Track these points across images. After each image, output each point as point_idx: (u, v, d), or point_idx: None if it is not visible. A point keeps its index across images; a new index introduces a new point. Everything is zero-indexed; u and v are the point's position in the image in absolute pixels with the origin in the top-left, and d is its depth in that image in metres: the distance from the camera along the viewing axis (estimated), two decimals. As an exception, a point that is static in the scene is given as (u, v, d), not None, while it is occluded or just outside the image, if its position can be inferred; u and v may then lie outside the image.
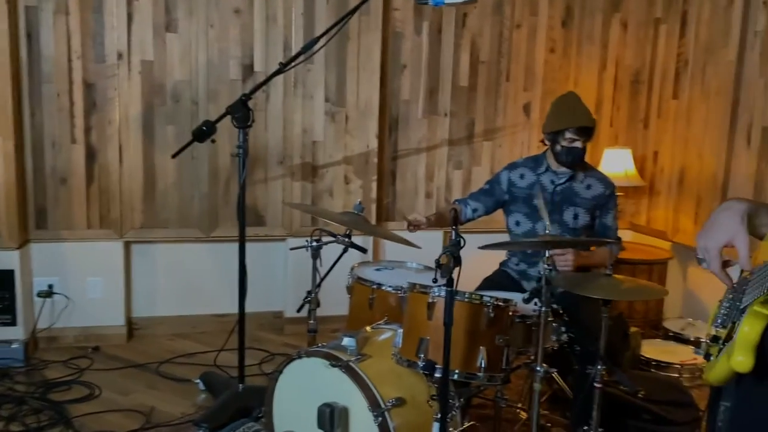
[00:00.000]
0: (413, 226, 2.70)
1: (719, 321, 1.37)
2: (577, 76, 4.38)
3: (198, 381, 3.23)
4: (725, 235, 1.28)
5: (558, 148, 2.84)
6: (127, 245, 3.76)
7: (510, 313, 2.07)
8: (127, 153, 3.62)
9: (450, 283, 1.76)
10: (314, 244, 2.64)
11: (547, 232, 2.23)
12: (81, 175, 3.57)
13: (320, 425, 2.08)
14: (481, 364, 1.98)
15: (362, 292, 2.70)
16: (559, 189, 2.89)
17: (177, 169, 3.71)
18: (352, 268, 2.88)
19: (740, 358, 1.13)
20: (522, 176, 2.95)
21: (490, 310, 1.98)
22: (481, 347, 1.99)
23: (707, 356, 1.35)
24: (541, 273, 1.97)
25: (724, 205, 1.32)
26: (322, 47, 2.76)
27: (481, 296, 2.01)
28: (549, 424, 2.97)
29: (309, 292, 3.12)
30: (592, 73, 4.41)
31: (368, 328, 2.49)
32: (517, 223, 2.91)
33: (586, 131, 2.78)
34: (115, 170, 3.61)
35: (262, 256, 3.95)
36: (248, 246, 3.86)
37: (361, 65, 3.90)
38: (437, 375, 1.92)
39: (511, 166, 3.01)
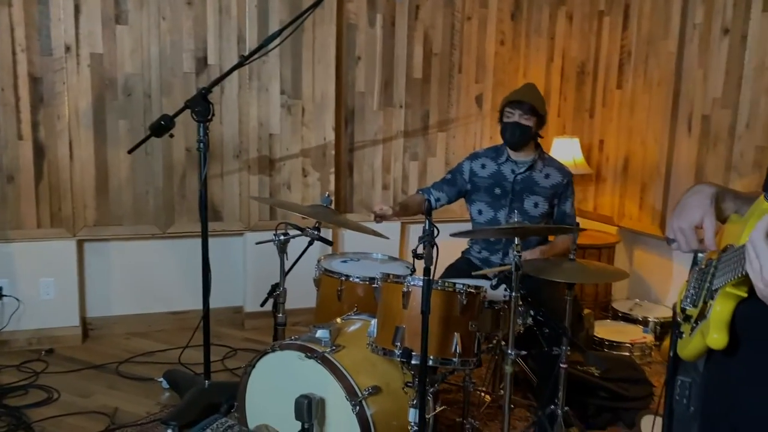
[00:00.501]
0: (380, 217, 2.74)
1: (688, 300, 1.45)
2: (526, 68, 4.49)
3: (161, 379, 3.18)
4: (698, 215, 1.35)
5: (501, 125, 2.96)
6: (80, 244, 3.65)
7: (481, 300, 2.14)
8: (77, 149, 3.52)
9: (427, 272, 1.81)
10: (282, 237, 2.63)
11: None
12: (29, 172, 3.44)
13: (298, 416, 2.10)
14: (455, 349, 2.04)
15: (330, 284, 2.72)
16: (519, 178, 2.98)
17: (130, 164, 3.63)
18: (319, 261, 2.90)
19: (715, 336, 1.20)
20: (483, 166, 3.02)
21: (463, 298, 2.05)
22: (455, 333, 2.05)
23: (680, 334, 1.43)
24: (511, 260, 2.04)
25: (694, 189, 1.40)
26: (286, 38, 2.73)
27: (454, 284, 2.07)
28: (512, 406, 3.06)
29: (274, 286, 3.12)
30: (540, 65, 4.53)
31: (339, 320, 2.51)
32: (480, 212, 2.99)
33: (525, 107, 2.85)
34: (65, 167, 3.50)
35: (220, 252, 3.90)
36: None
37: (316, 57, 3.90)
38: (414, 362, 1.97)
39: (473, 157, 3.08)
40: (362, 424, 2.06)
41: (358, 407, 2.06)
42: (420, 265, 2.90)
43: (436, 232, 1.90)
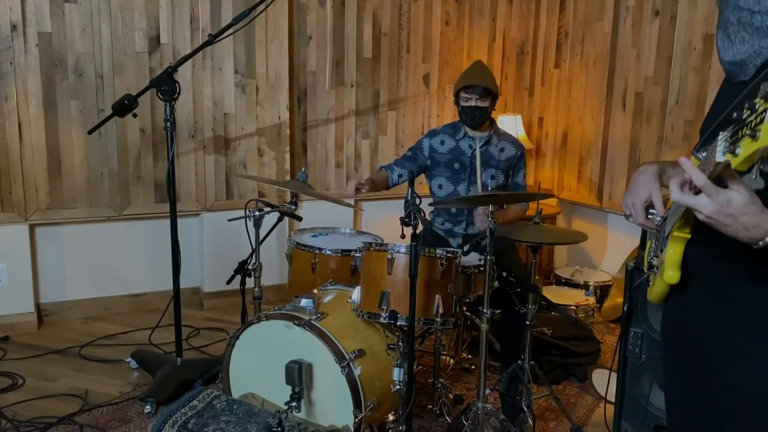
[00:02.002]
0: (357, 189, 2.82)
1: (652, 254, 1.64)
2: (470, 48, 4.66)
3: (129, 360, 3.19)
4: (646, 192, 1.54)
5: (459, 108, 3.09)
6: (33, 228, 3.57)
7: (456, 265, 2.29)
8: (27, 131, 3.43)
9: (415, 238, 1.93)
10: (257, 213, 2.69)
11: (478, 191, 2.46)
12: (-24, 155, 3.34)
13: (288, 381, 2.19)
14: (437, 310, 2.19)
15: (303, 257, 2.81)
16: (476, 153, 3.12)
17: (84, 146, 3.56)
18: (290, 236, 2.97)
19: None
20: (442, 142, 3.16)
21: (443, 262, 2.19)
22: (436, 296, 2.19)
23: (647, 282, 1.62)
24: (486, 225, 2.19)
25: (640, 170, 1.60)
26: (256, 17, 2.77)
27: (435, 250, 2.21)
28: (473, 367, 3.26)
29: (242, 263, 3.17)
30: (483, 45, 4.71)
31: (316, 291, 2.61)
32: (440, 186, 3.13)
33: (479, 90, 2.97)
34: (15, 149, 3.40)
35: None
36: (161, 222, 3.87)
37: (269, 37, 3.93)
38: (401, 323, 2.10)
39: (432, 134, 3.21)
40: (351, 384, 2.18)
41: (346, 369, 2.18)
42: (392, 234, 3.05)
43: (419, 200, 2.02)
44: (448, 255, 2.22)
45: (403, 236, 2.11)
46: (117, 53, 3.56)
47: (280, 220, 2.96)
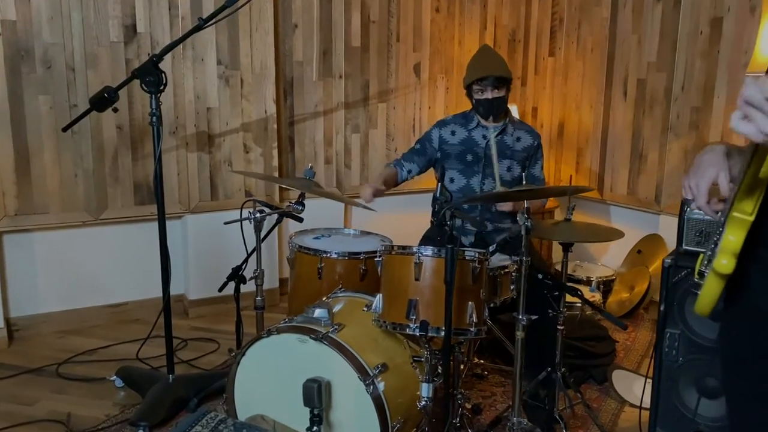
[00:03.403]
0: (376, 195, 2.64)
1: (705, 262, 1.45)
2: (461, 36, 4.46)
3: (114, 378, 2.91)
4: (713, 172, 1.36)
5: (474, 102, 2.90)
6: (0, 236, 3.26)
7: (487, 267, 2.09)
8: (-9, 129, 3.12)
9: (452, 240, 1.73)
10: (258, 215, 2.44)
11: (496, 185, 2.27)
12: (-65, 157, 3.01)
13: (307, 402, 1.96)
14: (471, 318, 1.98)
15: (308, 262, 2.58)
16: (491, 143, 2.93)
17: (55, 145, 3.26)
18: (291, 238, 2.73)
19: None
20: (453, 133, 2.97)
21: (476, 265, 1.99)
22: (469, 302, 1.98)
23: (694, 291, 1.42)
24: (521, 223, 1.99)
25: (707, 149, 1.42)
26: (247, 2, 2.52)
27: (464, 252, 2.00)
28: (485, 372, 3.08)
29: (236, 269, 2.93)
30: (474, 33, 4.52)
31: (325, 298, 2.38)
32: (452, 180, 2.93)
33: (491, 81, 2.80)
34: (-22, 150, 3.09)
35: (156, 236, 3.61)
36: (142, 226, 3.60)
37: (253, 25, 3.66)
38: (433, 334, 1.90)
39: (441, 124, 3.01)
40: (376, 402, 1.96)
41: (371, 386, 1.96)
42: (392, 233, 2.85)
43: (450, 196, 1.81)
44: (480, 257, 2.01)
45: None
46: (89, 43, 3.27)
47: (279, 221, 2.72)
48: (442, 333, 1.96)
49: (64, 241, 3.44)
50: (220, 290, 3.01)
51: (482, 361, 3.12)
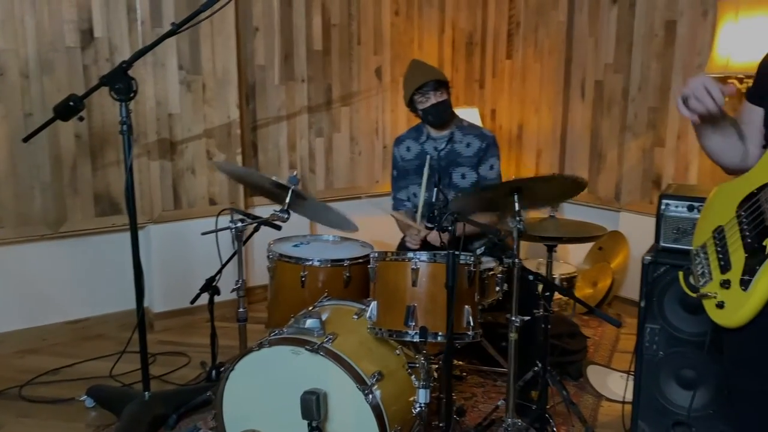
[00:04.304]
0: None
1: (707, 276, 1.50)
2: (420, 40, 4.49)
3: (84, 397, 2.79)
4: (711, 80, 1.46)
5: (420, 113, 2.89)
6: (-49, 254, 3.08)
7: (480, 270, 2.10)
8: (-61, 140, 2.93)
9: (454, 245, 1.73)
10: (238, 224, 2.38)
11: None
12: None
13: (305, 415, 1.93)
14: (468, 322, 1.99)
15: (290, 271, 2.53)
16: (443, 154, 2.94)
17: (9, 156, 3.10)
18: (269, 247, 2.68)
19: None
20: (408, 149, 3.02)
21: (471, 269, 2.00)
22: (465, 306, 1.99)
23: (720, 304, 1.47)
24: (514, 225, 2.01)
25: None
26: (227, 4, 2.46)
27: (459, 256, 2.01)
28: (464, 374, 3.09)
29: (209, 280, 2.86)
30: (433, 36, 4.55)
31: (312, 308, 2.35)
32: (415, 195, 2.95)
33: (431, 85, 2.80)
34: (-75, 163, 2.91)
35: (119, 248, 3.49)
36: (104, 238, 3.48)
37: (215, 29, 3.58)
38: (433, 339, 1.89)
39: (397, 142, 3.06)
40: (375, 411, 1.95)
41: (370, 395, 1.94)
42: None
43: (445, 201, 1.82)
44: (475, 260, 2.02)
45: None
46: (44, 49, 3.12)
47: (256, 230, 2.66)
48: (439, 338, 1.96)
49: (21, 256, 3.27)
50: (192, 302, 2.95)
51: (460, 363, 3.13)
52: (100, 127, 3.30)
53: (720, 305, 1.45)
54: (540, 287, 2.28)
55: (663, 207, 2.35)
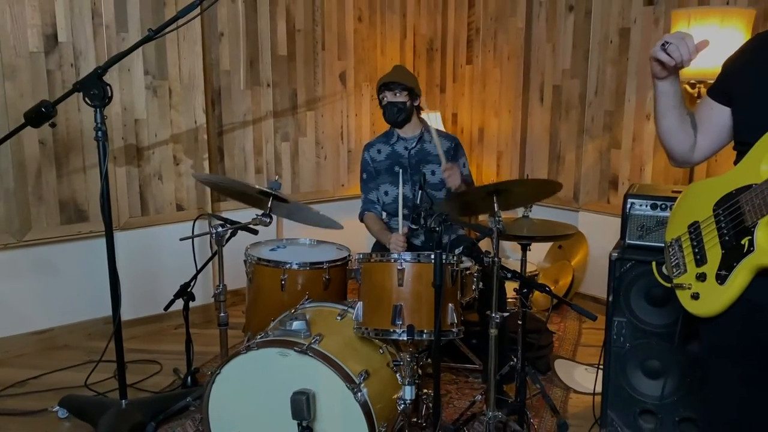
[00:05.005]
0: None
1: (682, 267, 1.62)
2: (383, 45, 4.56)
3: (57, 408, 2.74)
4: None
5: (382, 107, 3.08)
6: None
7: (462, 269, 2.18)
8: None
9: (440, 245, 1.80)
10: (219, 229, 2.39)
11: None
12: None
13: (296, 416, 1.96)
14: (453, 320, 2.06)
15: (270, 274, 2.56)
16: (413, 152, 3.11)
17: (-30, 163, 3.02)
18: (247, 251, 2.70)
19: None
20: (379, 151, 3.16)
21: (454, 268, 2.07)
22: (450, 304, 2.06)
23: (695, 295, 1.58)
24: (494, 227, 2.09)
25: None
26: (206, 9, 2.46)
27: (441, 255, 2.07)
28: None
29: (184, 286, 2.86)
30: (395, 42, 4.63)
31: (294, 310, 2.38)
32: (386, 193, 3.09)
33: (389, 86, 3.01)
34: None
35: (84, 257, 3.45)
36: (70, 246, 3.43)
37: (181, 34, 3.56)
38: (419, 338, 1.96)
39: (368, 146, 3.20)
40: (364, 409, 2.00)
41: (358, 393, 1.99)
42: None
43: (431, 203, 1.89)
44: (457, 260, 2.10)
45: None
46: (7, 54, 3.05)
47: (233, 234, 2.67)
48: (425, 335, 2.03)
49: (-17, 267, 3.19)
50: (166, 308, 2.94)
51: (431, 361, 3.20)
52: (65, 133, 3.25)
53: (695, 296, 1.56)
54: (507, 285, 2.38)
55: (628, 206, 2.48)
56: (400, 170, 2.89)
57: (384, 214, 3.12)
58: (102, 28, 3.29)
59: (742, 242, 1.47)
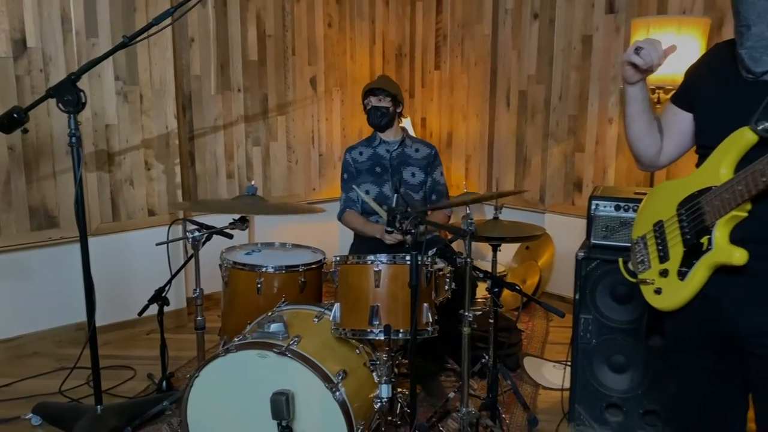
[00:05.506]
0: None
1: (647, 263, 1.71)
2: (353, 51, 4.62)
3: (30, 416, 2.72)
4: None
5: (366, 111, 3.21)
6: None
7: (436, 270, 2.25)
8: None
9: (417, 247, 1.86)
10: (195, 234, 2.42)
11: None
12: None
13: (276, 416, 2.00)
14: (428, 319, 2.13)
15: (246, 278, 2.59)
16: (395, 155, 3.22)
17: (-62, 170, 2.98)
18: (222, 255, 2.72)
19: (737, 255, 1.47)
20: (361, 153, 3.27)
21: (429, 269, 2.13)
22: (425, 304, 2.13)
23: (658, 290, 1.67)
24: (467, 229, 2.16)
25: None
26: (184, 14, 2.48)
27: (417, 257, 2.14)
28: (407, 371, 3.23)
29: (159, 291, 2.87)
30: (364, 47, 4.69)
31: (270, 313, 2.42)
32: (367, 192, 3.14)
33: (373, 92, 3.16)
34: None
35: (55, 263, 3.43)
36: (39, 252, 3.41)
37: (151, 40, 3.56)
38: (395, 337, 2.02)
39: (350, 149, 3.30)
40: (342, 408, 2.05)
41: (337, 392, 2.04)
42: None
43: (406, 207, 1.95)
44: (431, 261, 2.17)
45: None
46: (-26, 59, 3.03)
47: (208, 239, 2.70)
48: (401, 335, 2.09)
49: (-50, 274, 3.15)
50: (140, 314, 2.94)
51: (405, 361, 3.27)
52: (35, 139, 3.23)
53: (658, 291, 1.66)
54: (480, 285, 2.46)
55: (593, 207, 2.58)
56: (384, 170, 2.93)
57: (368, 197, 3.21)
58: (72, 34, 3.28)
59: (702, 241, 1.56)
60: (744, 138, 1.49)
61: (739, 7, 1.49)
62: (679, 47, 2.88)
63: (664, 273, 1.66)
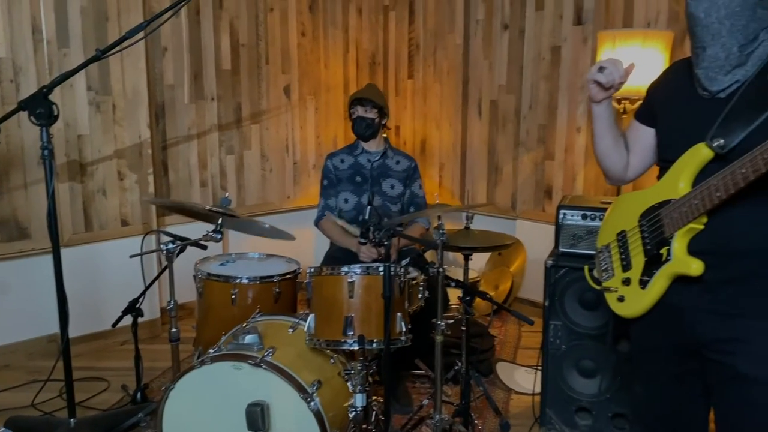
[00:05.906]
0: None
1: (610, 272, 1.77)
2: (326, 59, 4.65)
3: (3, 430, 2.70)
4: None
5: (352, 124, 3.24)
6: None
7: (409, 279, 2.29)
8: None
9: (388, 258, 1.90)
10: (170, 246, 2.43)
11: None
12: None
13: (251, 426, 2.02)
14: (401, 328, 2.17)
15: (220, 290, 2.61)
16: (375, 165, 3.26)
17: None
18: (196, 266, 2.73)
19: (695, 266, 1.53)
20: (342, 161, 3.28)
21: (402, 279, 2.17)
22: (398, 314, 2.17)
23: (621, 298, 1.74)
24: (438, 240, 2.21)
25: None
26: (160, 25, 2.49)
27: (392, 268, 2.18)
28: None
29: (133, 302, 2.87)
30: (338, 56, 4.73)
31: (245, 324, 2.43)
32: (346, 201, 3.16)
33: (360, 102, 3.18)
34: None
35: (26, 275, 3.40)
36: (10, 264, 3.40)
37: (124, 50, 3.55)
38: (369, 347, 2.05)
39: (331, 156, 3.32)
40: (317, 418, 2.07)
41: (311, 402, 2.07)
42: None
43: (380, 219, 1.99)
44: (404, 271, 2.21)
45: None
46: (-57, 69, 3.00)
47: (182, 250, 2.70)
48: (375, 345, 2.13)
49: None
50: (114, 325, 2.94)
51: (376, 368, 3.30)
52: (5, 150, 3.21)
53: (621, 299, 1.72)
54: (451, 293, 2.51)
55: (561, 216, 2.65)
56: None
57: (341, 220, 3.23)
58: (43, 44, 3.26)
59: (662, 252, 1.63)
60: (700, 153, 1.56)
61: (694, 30, 1.56)
62: (644, 60, 2.99)
63: (626, 281, 1.72)
